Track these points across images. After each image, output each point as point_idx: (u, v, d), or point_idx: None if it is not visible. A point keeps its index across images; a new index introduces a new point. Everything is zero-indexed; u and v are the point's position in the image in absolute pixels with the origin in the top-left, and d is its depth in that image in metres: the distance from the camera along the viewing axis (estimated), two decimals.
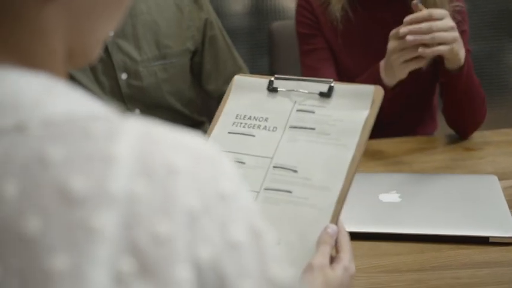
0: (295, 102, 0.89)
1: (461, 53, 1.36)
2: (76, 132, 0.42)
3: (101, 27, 0.50)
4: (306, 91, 0.89)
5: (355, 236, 1.07)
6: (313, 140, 0.85)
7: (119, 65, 1.54)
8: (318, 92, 0.88)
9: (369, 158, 1.46)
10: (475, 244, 1.05)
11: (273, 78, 0.92)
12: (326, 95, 0.87)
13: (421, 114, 1.71)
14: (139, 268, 0.39)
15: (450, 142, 1.54)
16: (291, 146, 0.86)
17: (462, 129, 1.55)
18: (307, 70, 1.61)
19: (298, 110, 0.88)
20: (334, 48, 1.60)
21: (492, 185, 1.23)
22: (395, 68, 1.35)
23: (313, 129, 0.86)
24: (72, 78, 1.53)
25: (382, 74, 1.41)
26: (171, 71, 1.60)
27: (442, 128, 1.72)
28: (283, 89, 0.91)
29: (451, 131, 1.60)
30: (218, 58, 1.66)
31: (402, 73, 1.36)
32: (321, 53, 1.61)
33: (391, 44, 1.33)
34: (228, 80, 1.30)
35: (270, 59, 1.98)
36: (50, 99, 0.44)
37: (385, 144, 1.55)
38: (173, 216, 0.40)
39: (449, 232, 1.07)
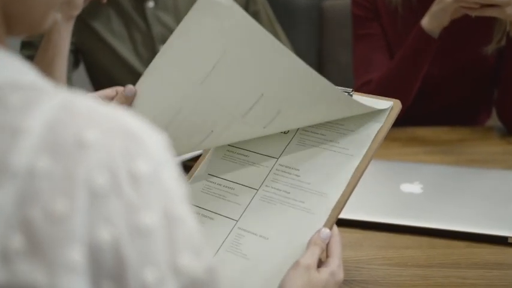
0: None
1: None
2: None
3: None
4: None
5: (365, 226, 1.05)
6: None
7: (158, 36, 1.54)
8: None
9: (404, 145, 1.41)
10: (492, 244, 1.00)
11: None
12: None
13: (476, 104, 1.64)
14: (27, 246, 0.38)
15: (494, 135, 1.46)
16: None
17: None
18: (358, 60, 1.57)
19: None
20: (390, 35, 1.54)
21: None
22: (446, 12, 1.33)
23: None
24: (112, 49, 1.55)
25: (425, 24, 1.39)
26: None
27: (493, 120, 1.65)
28: None
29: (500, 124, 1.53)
30: None
31: (447, 19, 1.35)
32: (375, 39, 1.55)
33: None
34: None
35: (319, 38, 1.94)
36: None
37: (426, 132, 1.50)
38: (73, 194, 0.39)
39: (465, 229, 1.01)
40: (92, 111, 0.42)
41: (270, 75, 0.78)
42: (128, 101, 0.83)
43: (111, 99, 0.84)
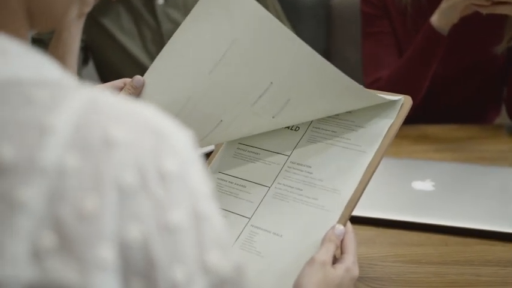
0: None
1: None
2: (17, 98, 0.41)
3: None
4: None
5: (378, 223, 1.05)
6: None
7: (168, 33, 1.54)
8: None
9: (414, 142, 1.41)
10: (504, 241, 1.00)
11: None
12: None
13: (485, 102, 1.64)
14: (59, 244, 0.38)
15: (503, 133, 1.46)
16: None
17: None
18: (368, 58, 1.57)
19: None
20: (399, 34, 1.54)
21: None
22: (455, 9, 1.33)
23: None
24: (121, 46, 1.55)
25: (435, 21, 1.38)
26: None
27: (502, 118, 1.65)
28: None
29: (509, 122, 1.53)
30: None
31: (457, 16, 1.35)
32: (384, 37, 1.55)
33: None
34: None
35: (326, 35, 1.94)
36: (1, 61, 0.43)
37: (435, 129, 1.49)
38: (103, 192, 0.39)
39: (477, 226, 1.01)
40: (118, 109, 0.42)
41: (280, 63, 0.78)
42: (137, 92, 0.83)
43: (119, 90, 0.84)
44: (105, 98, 0.42)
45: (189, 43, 0.81)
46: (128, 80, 0.84)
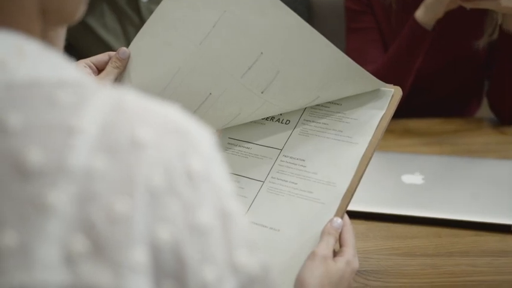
0: None
1: None
2: (40, 99, 0.40)
3: None
4: None
5: (370, 217, 1.06)
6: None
7: None
8: None
9: (400, 136, 1.43)
10: (495, 232, 1.01)
11: None
12: None
13: (467, 96, 1.66)
14: (91, 248, 0.37)
15: (486, 125, 1.49)
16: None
17: (507, 111, 1.49)
18: (352, 53, 1.57)
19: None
20: (384, 30, 1.55)
21: None
22: (441, 3, 1.35)
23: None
24: (106, 44, 1.54)
25: (420, 16, 1.40)
26: None
27: (482, 110, 1.67)
28: None
29: (491, 114, 1.55)
30: None
31: (442, 10, 1.37)
32: (369, 33, 1.56)
33: None
34: None
35: None
36: (18, 61, 0.42)
37: (420, 123, 1.51)
38: (132, 194, 0.38)
39: (469, 218, 1.03)
40: (143, 109, 0.42)
41: (270, 33, 0.78)
42: (123, 64, 0.83)
43: (104, 63, 0.84)
44: (129, 98, 0.42)
45: (178, 13, 0.81)
46: (112, 53, 0.84)
